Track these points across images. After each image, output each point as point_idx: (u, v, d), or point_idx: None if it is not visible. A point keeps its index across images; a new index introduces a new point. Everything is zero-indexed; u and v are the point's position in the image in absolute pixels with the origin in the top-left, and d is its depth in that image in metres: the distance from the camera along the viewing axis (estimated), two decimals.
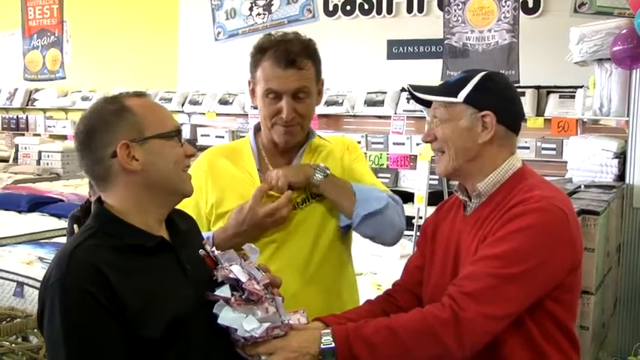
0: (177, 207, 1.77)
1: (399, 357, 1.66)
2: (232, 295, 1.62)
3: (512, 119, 1.90)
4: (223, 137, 8.28)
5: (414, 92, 1.93)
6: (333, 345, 1.65)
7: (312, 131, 2.29)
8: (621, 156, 4.66)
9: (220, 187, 2.21)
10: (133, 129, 1.61)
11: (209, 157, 2.30)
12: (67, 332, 1.47)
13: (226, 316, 1.60)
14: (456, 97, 1.86)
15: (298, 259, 2.16)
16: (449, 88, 1.90)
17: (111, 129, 1.61)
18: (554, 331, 1.78)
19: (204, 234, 2.01)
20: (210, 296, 1.63)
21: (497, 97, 1.87)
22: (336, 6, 8.15)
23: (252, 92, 2.22)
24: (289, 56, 2.08)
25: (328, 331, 1.68)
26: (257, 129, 2.27)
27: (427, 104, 1.96)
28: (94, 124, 1.63)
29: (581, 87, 5.51)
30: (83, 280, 1.48)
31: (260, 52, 2.14)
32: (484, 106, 1.84)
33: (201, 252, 1.69)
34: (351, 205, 2.13)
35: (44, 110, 10.27)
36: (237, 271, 1.63)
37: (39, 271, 4.04)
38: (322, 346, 1.65)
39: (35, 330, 2.96)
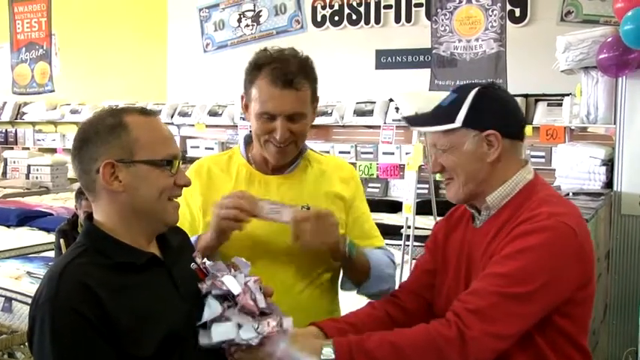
0: None
1: None
2: (222, 307, 1.59)
3: (515, 130, 1.87)
4: (213, 149, 8.28)
5: (412, 126, 1.90)
6: (333, 357, 1.63)
7: (304, 145, 2.24)
8: (609, 163, 4.68)
9: (208, 194, 2.17)
10: (124, 149, 1.58)
11: (200, 164, 2.27)
12: (57, 352, 1.45)
13: (218, 331, 1.58)
14: (454, 121, 1.80)
15: (288, 280, 2.12)
16: (443, 113, 1.84)
17: (102, 144, 1.58)
18: (564, 346, 1.76)
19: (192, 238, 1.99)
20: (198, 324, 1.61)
21: (496, 113, 1.83)
22: (324, 17, 8.18)
23: (246, 107, 2.16)
24: (286, 77, 2.01)
25: (329, 342, 1.66)
26: (247, 141, 2.23)
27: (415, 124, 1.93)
28: (88, 134, 1.60)
29: (568, 95, 5.55)
30: (73, 300, 1.46)
31: (256, 69, 2.07)
32: (486, 126, 1.80)
33: (193, 265, 1.68)
34: (363, 278, 2.13)
35: (33, 124, 10.25)
36: (229, 282, 1.60)
37: (27, 286, 4.01)
38: (322, 357, 1.63)
39: (21, 346, 2.94)
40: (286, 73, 2.02)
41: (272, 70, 2.03)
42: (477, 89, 1.84)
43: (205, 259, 1.70)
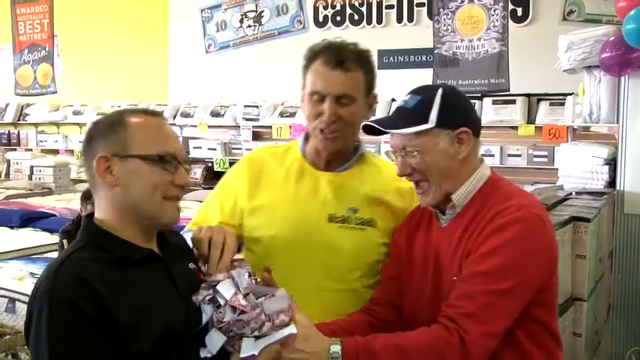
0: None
1: None
2: (214, 312, 1.60)
3: (479, 127, 1.93)
4: (215, 149, 8.28)
5: (384, 129, 1.85)
6: (340, 354, 1.64)
7: (360, 145, 2.23)
8: (612, 162, 4.67)
9: (255, 183, 2.18)
10: (119, 143, 1.60)
11: (256, 153, 2.30)
12: (52, 345, 1.46)
13: (216, 341, 1.58)
14: (427, 122, 1.81)
15: (320, 280, 2.09)
16: (413, 114, 1.84)
17: (101, 139, 1.62)
18: (538, 332, 1.81)
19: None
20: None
21: (464, 111, 1.89)
22: (326, 17, 8.18)
23: (302, 99, 2.16)
24: (339, 57, 2.05)
25: (337, 340, 1.67)
26: (306, 136, 2.22)
27: (376, 132, 1.89)
28: (93, 130, 1.66)
29: (570, 94, 5.54)
30: (70, 293, 1.47)
31: (313, 54, 2.11)
32: (457, 124, 1.83)
33: (191, 265, 1.68)
34: None
35: (36, 125, 10.26)
36: (223, 289, 1.60)
37: (30, 287, 3.98)
38: (331, 354, 1.64)
39: (25, 347, 2.94)
40: (340, 54, 2.06)
41: (326, 53, 2.07)
42: (442, 89, 1.87)
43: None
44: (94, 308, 1.47)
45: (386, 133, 1.88)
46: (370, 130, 1.91)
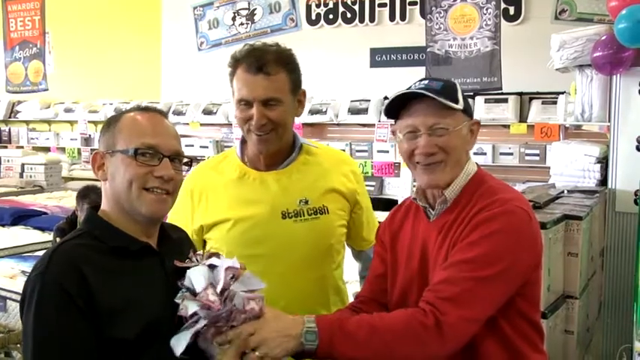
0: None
1: (377, 356, 1.67)
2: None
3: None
4: (207, 147, 8.27)
5: (431, 94, 1.79)
6: (315, 329, 1.65)
7: (297, 138, 2.27)
8: (603, 161, 4.69)
9: (202, 202, 2.23)
10: (110, 140, 1.69)
11: (187, 182, 2.28)
12: (37, 324, 1.52)
13: (181, 342, 1.59)
14: (457, 103, 1.83)
15: (288, 275, 2.14)
16: (445, 93, 1.82)
17: (102, 136, 1.74)
18: (522, 325, 1.84)
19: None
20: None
21: (470, 106, 1.93)
22: (318, 15, 8.18)
23: (235, 102, 2.22)
24: (259, 62, 2.09)
25: (312, 317, 1.69)
26: (243, 140, 2.27)
27: (394, 116, 1.89)
28: (102, 127, 1.78)
29: (562, 93, 5.55)
30: (60, 277, 1.53)
31: (235, 61, 2.17)
32: (471, 115, 1.90)
33: (177, 263, 1.68)
34: None
35: (27, 122, 10.22)
36: (194, 278, 1.61)
37: (22, 285, 4.00)
38: (305, 328, 1.66)
39: (18, 345, 2.93)
40: (259, 60, 2.09)
41: (247, 59, 2.12)
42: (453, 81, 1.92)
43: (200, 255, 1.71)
44: (81, 294, 1.53)
45: (397, 116, 1.87)
46: (394, 106, 1.87)
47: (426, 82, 1.87)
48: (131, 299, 1.59)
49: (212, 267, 1.64)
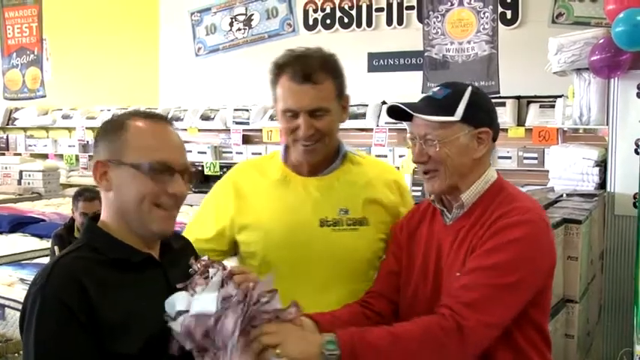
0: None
1: None
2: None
3: (498, 132, 1.96)
4: (205, 153, 8.25)
5: (411, 111, 1.86)
6: (336, 339, 1.64)
7: (342, 146, 2.22)
8: (602, 164, 4.69)
9: (243, 198, 2.18)
10: (116, 149, 1.61)
11: (236, 170, 2.28)
12: (39, 340, 1.49)
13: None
14: (453, 115, 1.84)
15: (320, 284, 2.09)
16: (440, 105, 1.86)
17: (102, 142, 1.65)
18: (533, 334, 1.85)
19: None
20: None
21: (488, 113, 1.92)
22: (315, 20, 8.19)
23: (277, 114, 2.15)
24: (305, 71, 2.02)
25: (332, 336, 1.65)
26: (287, 146, 2.21)
27: (407, 118, 1.92)
28: (100, 131, 1.68)
29: (560, 96, 5.55)
30: (61, 292, 1.50)
31: (278, 69, 2.09)
32: (480, 123, 1.87)
33: (179, 286, 1.63)
34: None
35: (25, 129, 10.20)
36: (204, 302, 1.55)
37: (20, 293, 3.98)
38: (327, 337, 1.64)
39: (16, 354, 2.92)
40: (305, 68, 2.02)
41: (292, 67, 2.04)
42: (471, 87, 1.90)
43: (203, 260, 1.68)
44: (82, 309, 1.49)
45: (409, 118, 1.89)
46: (393, 113, 1.93)
47: (436, 89, 1.92)
48: (133, 312, 1.55)
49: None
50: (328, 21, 8.13)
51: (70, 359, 1.49)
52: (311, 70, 2.03)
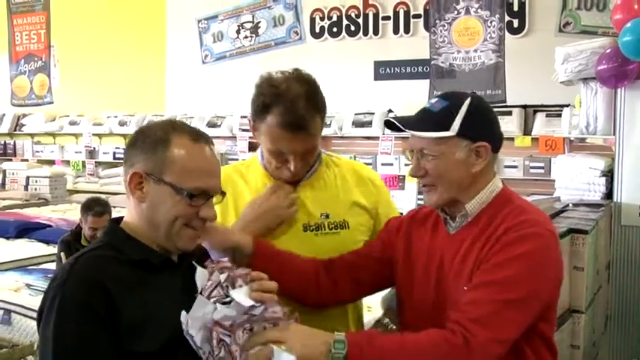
0: None
1: None
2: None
3: (500, 144, 1.91)
4: None
5: (405, 129, 1.85)
6: (344, 339, 1.64)
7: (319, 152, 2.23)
8: (608, 174, 4.68)
9: (226, 203, 2.15)
10: (157, 164, 1.62)
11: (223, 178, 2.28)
12: (57, 335, 1.50)
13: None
14: (448, 130, 1.80)
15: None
16: (436, 119, 1.83)
17: (142, 152, 1.64)
18: (539, 345, 1.83)
19: None
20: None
21: (488, 126, 1.88)
22: (322, 28, 8.20)
23: (254, 129, 2.11)
24: (297, 121, 1.96)
25: (342, 336, 1.66)
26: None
27: (396, 127, 1.90)
28: (137, 138, 1.67)
29: (567, 106, 5.55)
30: (81, 289, 1.52)
31: (264, 108, 2.02)
32: (479, 137, 1.83)
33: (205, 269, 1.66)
34: None
35: (32, 135, 10.25)
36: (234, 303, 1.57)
37: (26, 298, 4.00)
38: (335, 337, 1.65)
39: None
40: (297, 117, 1.97)
41: (281, 112, 1.98)
42: (469, 99, 1.85)
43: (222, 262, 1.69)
44: (103, 306, 1.51)
45: (404, 131, 1.88)
46: (390, 125, 1.92)
47: (434, 101, 1.89)
48: (152, 313, 1.57)
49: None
50: (335, 29, 8.14)
51: (89, 355, 1.50)
52: (302, 119, 1.97)
